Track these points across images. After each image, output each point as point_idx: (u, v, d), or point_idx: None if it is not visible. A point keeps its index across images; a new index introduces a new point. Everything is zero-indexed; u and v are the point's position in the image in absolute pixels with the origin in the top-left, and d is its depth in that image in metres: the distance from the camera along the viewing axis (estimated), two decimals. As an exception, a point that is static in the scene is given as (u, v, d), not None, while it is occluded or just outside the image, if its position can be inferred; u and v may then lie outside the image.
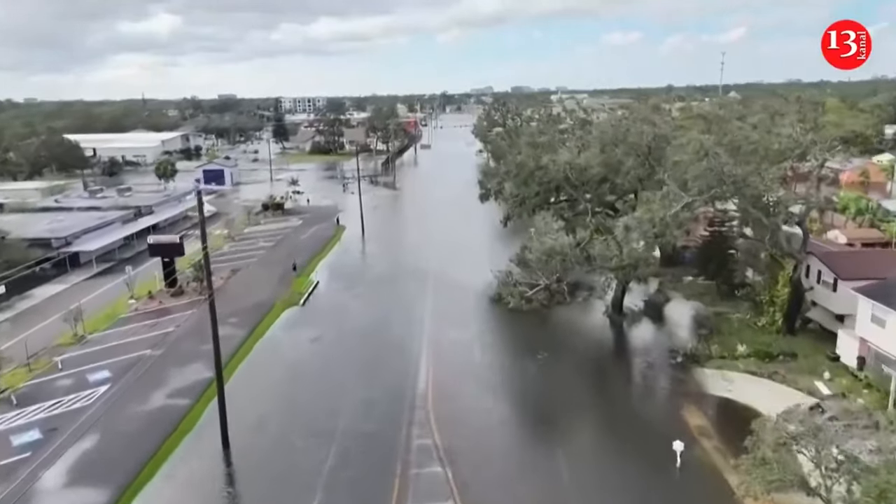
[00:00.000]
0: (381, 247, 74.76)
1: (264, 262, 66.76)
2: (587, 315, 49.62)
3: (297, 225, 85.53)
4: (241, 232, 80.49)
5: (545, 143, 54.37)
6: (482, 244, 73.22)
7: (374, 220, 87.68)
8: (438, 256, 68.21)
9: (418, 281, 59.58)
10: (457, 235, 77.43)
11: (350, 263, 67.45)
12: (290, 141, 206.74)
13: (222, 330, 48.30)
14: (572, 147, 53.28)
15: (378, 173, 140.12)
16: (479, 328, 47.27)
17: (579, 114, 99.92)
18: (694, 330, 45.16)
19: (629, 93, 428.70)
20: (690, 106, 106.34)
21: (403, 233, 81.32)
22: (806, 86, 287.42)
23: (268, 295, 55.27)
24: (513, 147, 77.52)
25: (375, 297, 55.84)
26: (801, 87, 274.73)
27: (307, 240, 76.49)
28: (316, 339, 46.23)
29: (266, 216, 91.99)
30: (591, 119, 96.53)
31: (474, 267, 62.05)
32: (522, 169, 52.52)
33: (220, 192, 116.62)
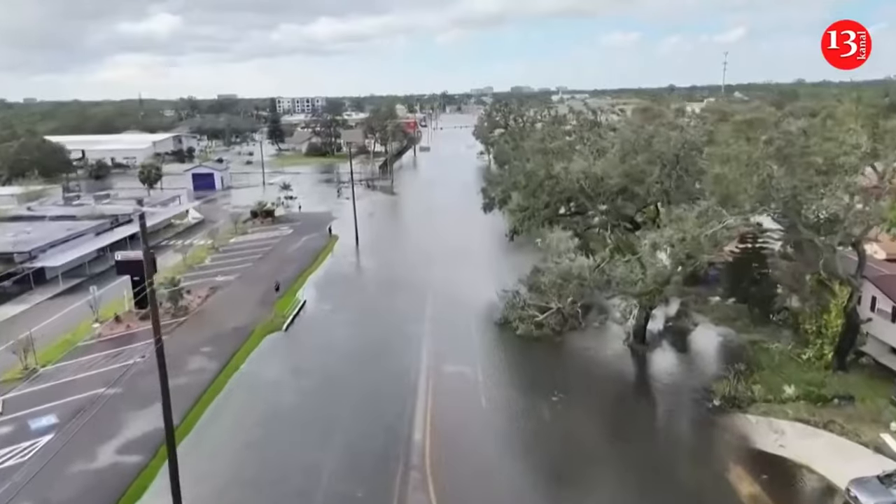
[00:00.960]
0: (375, 260, 69.17)
1: (248, 277, 61.19)
2: (605, 344, 44.04)
3: (286, 234, 79.96)
4: (227, 243, 74.92)
5: (556, 149, 48.81)
6: (485, 258, 67.68)
7: (369, 229, 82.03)
8: (438, 271, 62.65)
9: (416, 300, 54.01)
10: (458, 247, 71.87)
11: (341, 279, 61.83)
12: (287, 142, 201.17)
13: (193, 362, 43.18)
14: (587, 154, 47.74)
15: (375, 177, 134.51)
16: (484, 360, 41.67)
17: (587, 115, 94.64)
18: (728, 363, 39.60)
19: (630, 93, 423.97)
20: (719, 109, 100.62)
21: (400, 244, 75.76)
22: (810, 86, 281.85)
23: (248, 318, 49.73)
24: (517, 151, 72.13)
25: (368, 320, 50.28)
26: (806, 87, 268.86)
27: (296, 252, 70.90)
28: (297, 372, 40.69)
29: (255, 224, 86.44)
30: (600, 121, 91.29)
31: (477, 284, 56.61)
32: (531, 179, 47.08)
33: (209, 197, 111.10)
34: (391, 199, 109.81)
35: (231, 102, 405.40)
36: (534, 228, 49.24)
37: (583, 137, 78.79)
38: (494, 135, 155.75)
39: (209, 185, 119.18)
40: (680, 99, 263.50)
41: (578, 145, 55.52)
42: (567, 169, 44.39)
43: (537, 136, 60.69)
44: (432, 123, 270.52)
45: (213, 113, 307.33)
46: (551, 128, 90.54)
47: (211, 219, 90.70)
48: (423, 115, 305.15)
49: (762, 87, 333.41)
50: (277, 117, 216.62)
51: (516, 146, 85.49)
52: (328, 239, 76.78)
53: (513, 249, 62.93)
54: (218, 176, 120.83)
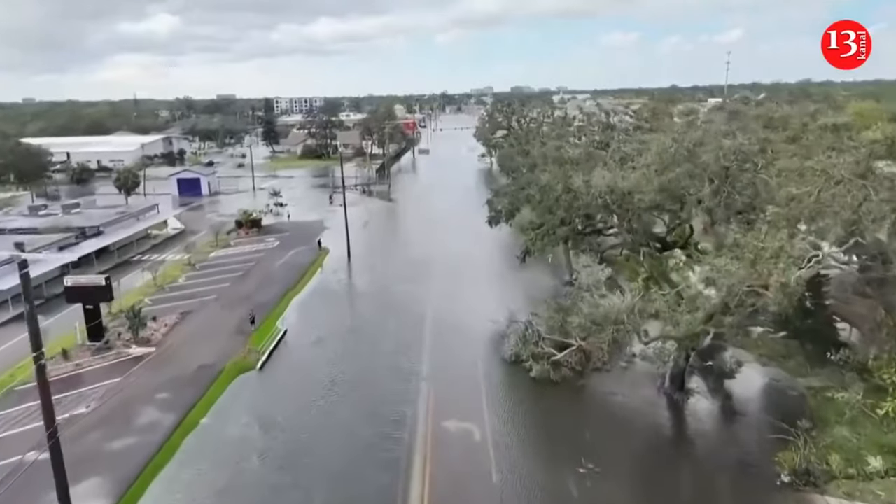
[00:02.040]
0: (368, 278, 62.32)
1: (225, 299, 54.39)
2: (635, 389, 37.19)
3: (272, 248, 73.13)
4: (206, 258, 68.09)
5: (575, 159, 42.02)
6: (491, 275, 60.89)
7: (363, 241, 75.35)
8: (438, 292, 55.89)
9: (413, 329, 47.24)
10: (460, 262, 65.09)
11: (328, 302, 54.96)
12: (282, 144, 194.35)
13: (144, 414, 35.75)
14: (611, 164, 40.95)
15: (372, 181, 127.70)
16: (494, 412, 34.88)
17: (599, 116, 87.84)
18: (789, 419, 32.81)
19: (631, 93, 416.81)
20: (736, 110, 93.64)
21: (397, 259, 68.90)
22: (815, 85, 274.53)
23: (219, 352, 42.95)
24: (526, 157, 65.41)
25: (357, 354, 43.46)
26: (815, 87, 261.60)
27: (281, 268, 64.07)
28: (268, 426, 33.89)
29: (239, 235, 79.65)
30: (613, 122, 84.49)
31: (482, 308, 49.92)
32: (547, 193, 40.28)
33: (193, 204, 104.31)
34: (388, 206, 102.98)
35: (227, 102, 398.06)
36: (548, 248, 42.43)
37: (602, 143, 72.09)
38: (497, 136, 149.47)
39: (195, 191, 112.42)
40: (686, 98, 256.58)
41: (601, 152, 48.88)
42: (589, 183, 37.63)
43: (551, 143, 53.70)
44: (432, 124, 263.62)
45: (208, 113, 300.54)
46: (561, 129, 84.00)
47: (193, 229, 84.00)
48: (423, 116, 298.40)
49: (766, 87, 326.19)
50: (272, 118, 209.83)
51: (524, 151, 78.92)
52: (317, 253, 69.95)
53: (521, 265, 56.13)
54: (205, 181, 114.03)
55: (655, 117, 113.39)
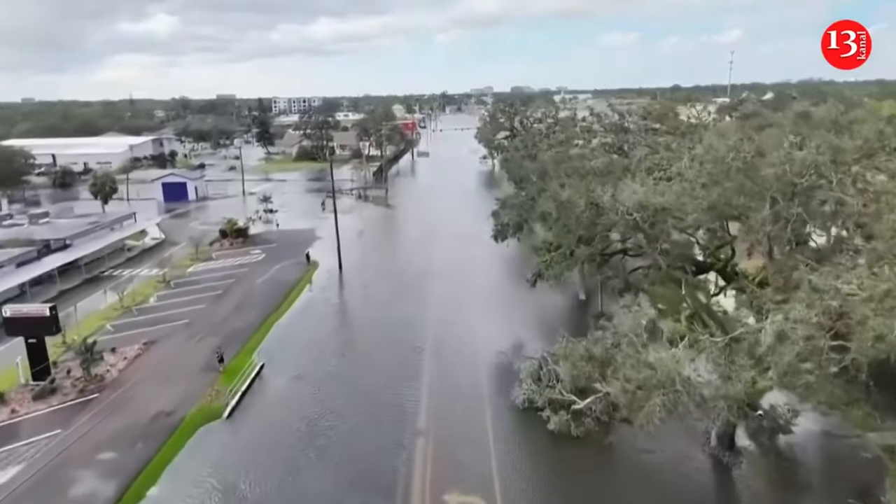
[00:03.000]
0: (361, 299, 56.13)
1: (198, 324, 48.28)
2: (676, 447, 31.04)
3: (257, 261, 66.98)
4: (183, 274, 61.93)
5: (599, 169, 35.90)
6: (497, 296, 54.80)
7: (357, 253, 69.24)
8: (439, 317, 49.73)
9: (409, 364, 41.14)
10: (463, 279, 58.94)
11: (314, 329, 48.75)
12: (277, 145, 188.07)
13: (81, 482, 28.48)
14: (641, 176, 34.82)
15: (368, 185, 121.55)
16: (506, 482, 28.71)
17: (612, 118, 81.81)
18: (863, 487, 26.77)
19: (632, 93, 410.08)
20: (755, 113, 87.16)
21: (393, 275, 62.66)
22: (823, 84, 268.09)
23: (182, 394, 36.85)
24: (536, 163, 59.31)
25: (343, 396, 37.32)
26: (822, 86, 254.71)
27: (264, 286, 57.91)
28: (232, 499, 27.81)
29: (223, 246, 73.50)
30: (628, 125, 78.39)
31: (489, 336, 44.00)
32: (567, 210, 34.14)
33: (178, 211, 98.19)
34: (385, 213, 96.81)
35: (223, 103, 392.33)
36: (566, 273, 36.25)
37: (615, 147, 65.97)
38: (499, 138, 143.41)
39: (181, 196, 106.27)
40: (690, 98, 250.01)
41: (622, 159, 42.83)
42: (617, 199, 31.53)
43: (562, 147, 47.55)
44: (432, 124, 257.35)
45: (205, 113, 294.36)
46: (571, 132, 77.89)
47: (174, 239, 77.87)
48: (423, 116, 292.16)
49: (771, 87, 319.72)
50: (266, 118, 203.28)
51: (531, 156, 72.86)
52: (305, 267, 63.79)
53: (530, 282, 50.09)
54: (191, 185, 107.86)
55: (665, 118, 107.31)
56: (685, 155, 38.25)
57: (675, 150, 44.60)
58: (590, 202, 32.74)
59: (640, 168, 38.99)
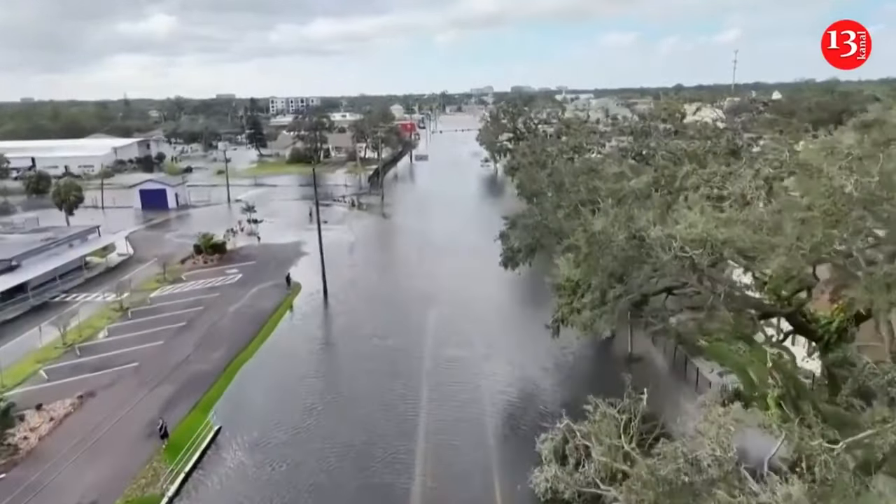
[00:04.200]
0: (347, 332, 48.26)
1: (150, 369, 40.56)
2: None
3: (232, 282, 59.25)
4: (144, 300, 54.19)
5: (640, 191, 28.12)
6: (506, 326, 47.08)
7: (346, 272, 61.55)
8: (437, 356, 42.02)
9: (400, 428, 33.44)
10: (467, 307, 51.15)
11: (289, 373, 40.95)
12: (270, 147, 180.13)
13: None
14: (695, 199, 27.04)
15: (363, 191, 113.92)
16: None
17: (630, 120, 74.11)
18: None
19: (633, 92, 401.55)
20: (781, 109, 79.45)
21: (386, 301, 54.79)
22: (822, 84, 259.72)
23: (113, 475, 29.12)
24: (553, 175, 51.57)
25: (317, 472, 29.63)
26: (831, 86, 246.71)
27: (235, 317, 50.16)
28: None
29: (196, 264, 65.75)
30: (649, 127, 70.84)
31: (497, 381, 36.36)
32: (600, 245, 26.39)
33: (154, 221, 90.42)
34: (380, 224, 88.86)
35: (220, 103, 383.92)
36: (606, 324, 28.31)
37: (635, 152, 58.87)
38: (501, 140, 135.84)
39: (160, 204, 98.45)
40: (695, 97, 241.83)
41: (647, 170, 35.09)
42: (668, 231, 23.83)
43: (590, 155, 39.79)
44: (431, 125, 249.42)
45: (200, 114, 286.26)
46: (587, 138, 70.43)
47: (143, 255, 70.13)
48: (422, 117, 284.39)
49: (775, 86, 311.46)
50: (258, 119, 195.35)
51: (541, 163, 65.23)
52: (285, 292, 56.04)
53: (543, 309, 42.41)
54: (171, 192, 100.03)
55: (676, 118, 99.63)
56: (743, 171, 30.57)
57: (709, 162, 36.98)
58: (631, 235, 25.12)
59: (685, 185, 31.29)
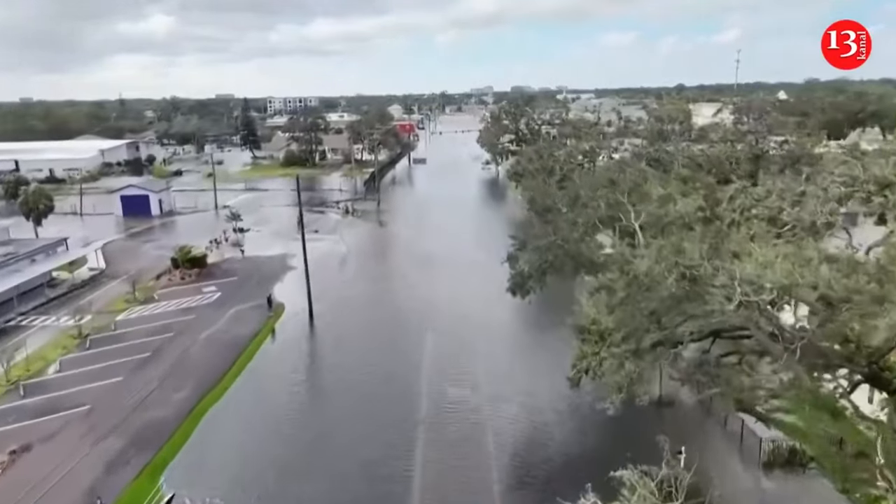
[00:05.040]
0: (333, 365, 42.60)
1: (102, 415, 34.89)
2: None
3: (209, 302, 53.59)
4: (109, 324, 48.51)
5: (689, 215, 22.40)
6: (513, 355, 41.41)
7: (335, 291, 55.93)
8: (436, 396, 36.42)
9: (394, 492, 27.86)
10: (469, 332, 45.59)
11: (261, 420, 35.23)
12: (265, 148, 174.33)
13: None
14: (758, 230, 21.32)
15: (358, 195, 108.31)
16: None
17: (647, 122, 68.68)
18: None
19: (633, 92, 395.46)
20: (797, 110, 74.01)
21: (379, 326, 49.03)
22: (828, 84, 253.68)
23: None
24: (568, 187, 45.87)
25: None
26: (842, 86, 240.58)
27: (208, 345, 44.46)
28: None
29: (171, 281, 60.10)
30: (667, 130, 65.27)
31: (507, 435, 30.65)
32: (642, 287, 20.71)
33: (134, 230, 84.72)
34: (375, 233, 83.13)
35: (216, 103, 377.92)
36: (633, 377, 22.67)
37: (650, 157, 53.56)
38: (503, 142, 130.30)
39: (143, 211, 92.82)
40: (699, 98, 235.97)
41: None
42: (734, 276, 18.19)
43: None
44: (430, 126, 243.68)
45: (194, 114, 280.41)
46: (599, 142, 65.02)
47: (117, 269, 64.49)
48: (422, 117, 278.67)
49: (780, 86, 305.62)
50: (251, 119, 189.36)
51: (549, 169, 59.68)
52: (267, 314, 50.38)
53: (552, 334, 36.83)
54: (154, 198, 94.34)
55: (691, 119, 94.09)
56: (807, 189, 24.92)
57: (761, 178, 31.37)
58: (682, 275, 19.51)
59: (737, 209, 25.68)
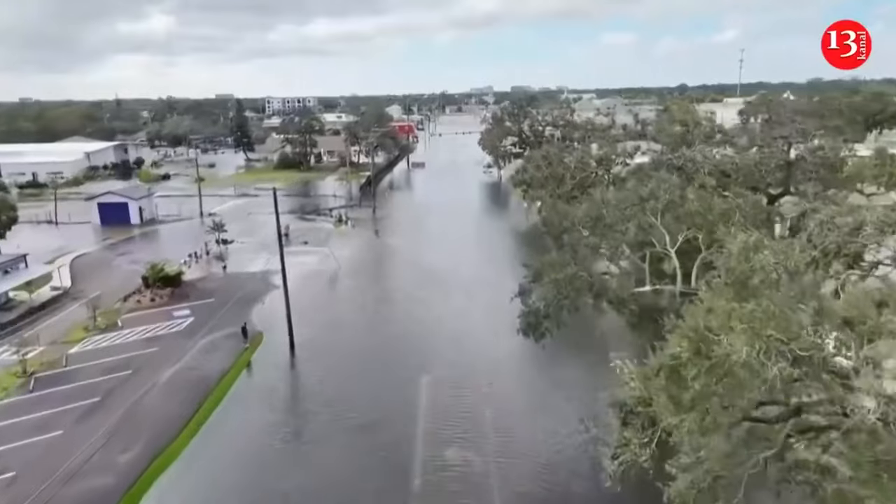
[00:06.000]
0: (313, 412, 36.24)
1: (29, 482, 28.77)
2: None
3: (179, 330, 47.45)
4: (61, 358, 42.38)
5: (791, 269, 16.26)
6: (528, 412, 35.25)
7: (322, 316, 50.04)
8: (433, 462, 30.33)
9: None
10: (473, 370, 39.47)
11: (221, 491, 29.15)
12: (258, 150, 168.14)
13: None
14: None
15: (353, 202, 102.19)
16: None
17: (664, 123, 63.07)
18: None
19: (634, 92, 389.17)
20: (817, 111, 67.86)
21: (371, 360, 43.01)
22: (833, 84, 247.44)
23: None
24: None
25: None
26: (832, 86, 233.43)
27: (170, 385, 38.27)
28: None
29: (141, 302, 54.02)
30: (693, 134, 59.41)
31: None
32: (733, 384, 14.51)
33: (110, 241, 78.58)
34: (370, 245, 76.83)
35: (213, 103, 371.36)
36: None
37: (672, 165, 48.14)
38: (505, 145, 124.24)
39: (122, 219, 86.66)
40: (701, 97, 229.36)
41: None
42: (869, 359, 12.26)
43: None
44: (430, 127, 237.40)
45: (192, 115, 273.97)
46: (611, 147, 59.02)
47: (84, 288, 58.41)
48: (421, 118, 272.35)
49: (785, 85, 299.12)
50: (244, 120, 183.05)
51: (559, 178, 53.70)
52: (242, 347, 44.24)
53: (570, 371, 30.83)
54: (134, 206, 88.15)
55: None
56: None
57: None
58: (792, 359, 13.36)
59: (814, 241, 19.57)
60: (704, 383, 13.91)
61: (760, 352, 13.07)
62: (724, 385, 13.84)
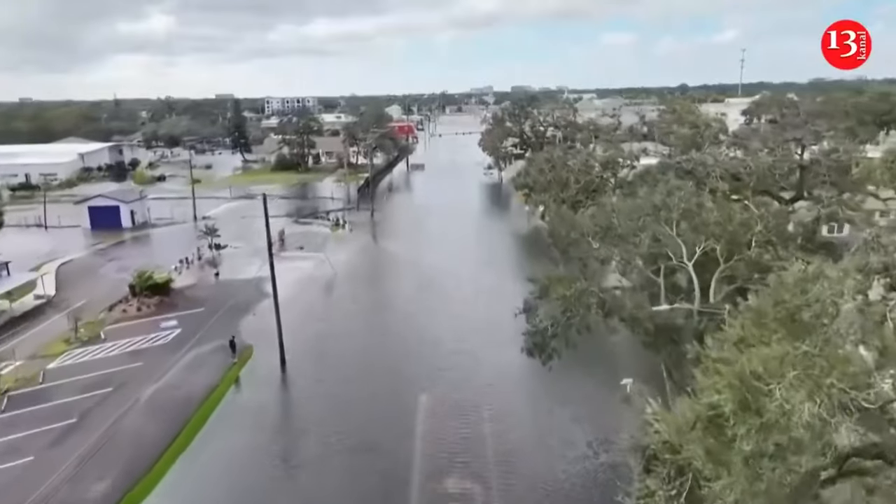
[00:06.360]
0: (302, 437, 33.89)
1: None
2: None
3: (165, 342, 45.15)
4: (38, 374, 40.07)
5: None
6: (536, 438, 32.89)
7: (316, 327, 47.70)
8: (431, 497, 28.05)
9: None
10: (475, 391, 37.12)
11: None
12: (256, 151, 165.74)
13: None
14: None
15: (351, 205, 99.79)
16: None
17: (673, 126, 60.95)
18: None
19: (635, 92, 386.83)
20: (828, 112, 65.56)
21: (367, 377, 40.65)
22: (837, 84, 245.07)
23: None
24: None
25: None
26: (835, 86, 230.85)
27: (150, 405, 35.89)
28: None
29: (126, 312, 51.71)
30: (703, 136, 57.09)
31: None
32: (789, 448, 12.21)
33: (100, 246, 76.26)
34: (368, 251, 74.45)
35: (212, 103, 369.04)
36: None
37: (684, 169, 46.10)
38: (506, 145, 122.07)
39: (113, 223, 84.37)
40: (703, 97, 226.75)
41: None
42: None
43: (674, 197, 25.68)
44: (430, 127, 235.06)
45: (190, 115, 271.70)
46: (617, 150, 56.68)
47: (69, 296, 56.19)
48: (421, 118, 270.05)
49: (786, 85, 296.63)
50: (241, 121, 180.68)
51: (563, 181, 51.42)
52: (231, 361, 41.91)
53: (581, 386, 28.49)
54: (126, 210, 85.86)
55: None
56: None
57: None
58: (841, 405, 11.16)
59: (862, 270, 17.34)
60: (755, 445, 11.60)
61: (821, 405, 10.81)
62: (780, 451, 11.54)
